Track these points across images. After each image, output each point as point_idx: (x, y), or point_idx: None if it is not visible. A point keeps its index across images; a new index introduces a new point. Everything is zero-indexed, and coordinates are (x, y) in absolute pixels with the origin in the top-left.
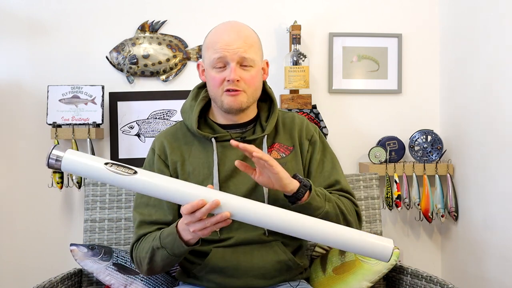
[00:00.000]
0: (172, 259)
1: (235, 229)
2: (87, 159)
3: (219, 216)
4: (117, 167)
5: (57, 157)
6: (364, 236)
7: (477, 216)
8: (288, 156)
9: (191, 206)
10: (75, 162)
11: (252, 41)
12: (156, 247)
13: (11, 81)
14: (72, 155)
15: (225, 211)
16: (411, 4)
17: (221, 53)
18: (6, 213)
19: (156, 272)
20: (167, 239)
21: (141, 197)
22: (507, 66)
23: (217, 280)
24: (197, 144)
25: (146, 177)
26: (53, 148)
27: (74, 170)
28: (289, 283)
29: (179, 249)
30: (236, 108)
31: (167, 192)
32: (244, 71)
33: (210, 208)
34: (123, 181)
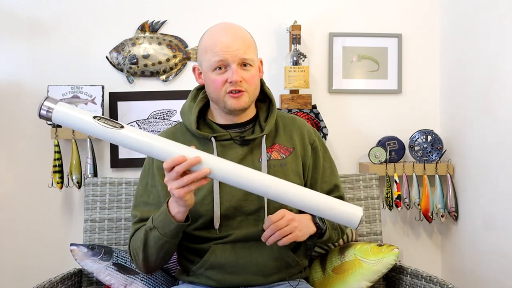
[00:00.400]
0: (164, 241)
1: (234, 227)
2: (76, 112)
3: (198, 172)
4: (105, 121)
5: (48, 108)
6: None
7: (477, 216)
8: (288, 157)
9: (172, 160)
10: (65, 114)
11: (249, 41)
12: (148, 229)
13: (11, 81)
14: (62, 107)
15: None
16: (411, 4)
17: (222, 55)
18: (6, 213)
19: (151, 263)
20: (158, 218)
21: (141, 196)
22: (507, 66)
23: (216, 277)
24: (197, 144)
25: (131, 132)
26: (45, 100)
27: (64, 121)
28: (288, 282)
29: (169, 226)
30: (239, 109)
31: (150, 148)
32: (245, 71)
33: (190, 163)
34: (109, 134)
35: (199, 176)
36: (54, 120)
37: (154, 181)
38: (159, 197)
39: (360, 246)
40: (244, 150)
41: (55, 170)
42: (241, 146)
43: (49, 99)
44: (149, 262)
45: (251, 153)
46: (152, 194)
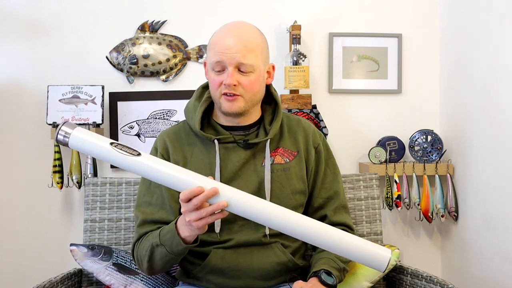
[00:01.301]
0: (171, 258)
1: (235, 231)
2: (93, 138)
3: (215, 205)
4: (122, 147)
5: (65, 133)
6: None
7: (477, 216)
8: (292, 161)
9: (189, 191)
10: (82, 140)
11: (253, 45)
12: (155, 245)
13: (11, 81)
14: (79, 132)
15: (223, 200)
16: (411, 4)
17: (219, 56)
18: (6, 213)
19: (156, 271)
20: (166, 236)
21: (143, 195)
22: (507, 66)
23: (216, 281)
24: (200, 145)
25: (148, 161)
26: (63, 124)
27: (81, 147)
28: (288, 284)
29: (177, 247)
30: (233, 112)
31: (167, 177)
32: (243, 76)
33: (207, 195)
34: (126, 162)
35: (216, 209)
36: (70, 146)
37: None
38: (162, 198)
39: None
40: (247, 154)
41: (55, 170)
42: (244, 149)
43: (67, 124)
44: (154, 270)
45: (254, 157)
46: (155, 194)
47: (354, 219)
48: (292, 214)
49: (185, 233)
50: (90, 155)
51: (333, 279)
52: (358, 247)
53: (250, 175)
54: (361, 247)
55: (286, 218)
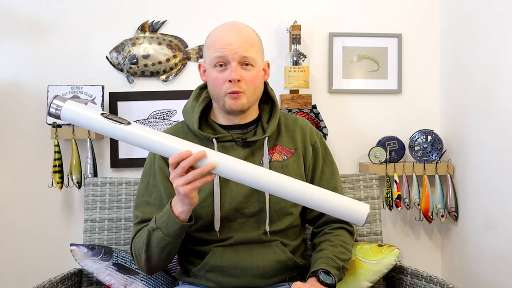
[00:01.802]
0: (167, 242)
1: (235, 229)
2: (84, 110)
3: (203, 168)
4: (113, 117)
5: (57, 106)
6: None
7: (477, 216)
8: (290, 158)
9: (178, 155)
10: (73, 111)
11: (252, 41)
12: (151, 229)
13: (11, 81)
14: (70, 105)
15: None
16: (411, 4)
17: (222, 52)
18: (6, 213)
19: (154, 263)
20: (161, 218)
21: (142, 196)
22: (507, 66)
23: (216, 279)
24: (198, 144)
25: (138, 129)
26: (54, 98)
27: (72, 119)
28: (288, 284)
29: (173, 226)
30: (237, 110)
31: (156, 144)
32: (245, 70)
33: (196, 157)
34: (116, 131)
35: (204, 171)
36: (62, 118)
37: (156, 181)
38: (160, 197)
39: (360, 246)
40: (246, 152)
41: (55, 170)
42: (243, 147)
43: (58, 98)
44: (152, 263)
45: (253, 155)
46: (153, 194)
47: None
48: (277, 175)
49: (178, 210)
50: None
51: (332, 278)
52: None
53: None
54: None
55: (271, 178)
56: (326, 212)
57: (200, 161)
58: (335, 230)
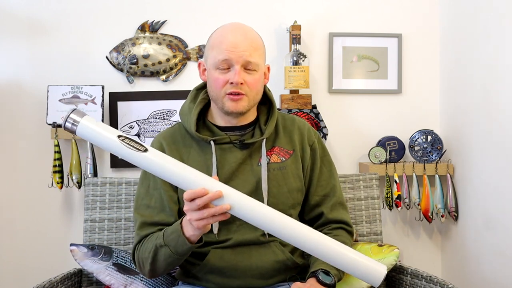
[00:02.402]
0: (175, 259)
1: (233, 231)
2: (101, 129)
3: (218, 208)
4: (130, 142)
5: (74, 121)
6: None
7: (477, 216)
8: (288, 160)
9: (193, 192)
10: (90, 129)
11: (257, 45)
12: (159, 245)
13: (11, 81)
14: (88, 121)
15: (226, 203)
16: (411, 4)
17: (227, 55)
18: (6, 213)
19: (158, 273)
20: (170, 236)
21: (142, 198)
22: (507, 66)
23: (216, 280)
24: (196, 146)
25: (155, 157)
26: (72, 112)
27: (88, 136)
28: (288, 284)
29: (182, 247)
30: (237, 112)
31: (172, 175)
32: (248, 74)
33: (211, 197)
34: (132, 156)
35: (218, 212)
36: (78, 134)
37: (156, 183)
38: (161, 200)
39: (360, 246)
40: (244, 154)
41: (55, 170)
42: (241, 149)
43: (76, 112)
44: (156, 273)
45: (251, 157)
46: (154, 197)
47: (354, 219)
48: (293, 222)
49: (189, 232)
50: (96, 145)
51: (331, 278)
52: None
53: (247, 175)
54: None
55: (287, 225)
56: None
57: (216, 201)
58: (334, 230)
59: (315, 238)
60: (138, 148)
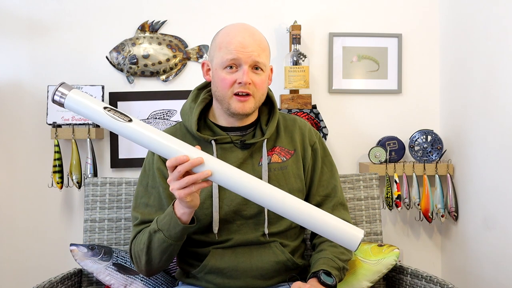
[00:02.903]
0: (169, 244)
1: (234, 231)
2: (88, 101)
3: (199, 174)
4: (115, 113)
5: (62, 94)
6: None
7: (477, 216)
8: (289, 160)
9: (175, 159)
10: (77, 101)
11: (264, 45)
12: (153, 231)
13: (11, 81)
14: (75, 94)
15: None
16: (411, 4)
17: (236, 54)
18: (6, 213)
19: (154, 266)
20: (163, 220)
21: (141, 197)
22: (507, 66)
23: (216, 281)
24: (196, 145)
25: (139, 127)
26: (60, 85)
27: (75, 109)
28: (288, 284)
29: (175, 228)
30: (243, 113)
31: (155, 144)
32: (255, 75)
33: (192, 163)
34: (117, 127)
35: (200, 178)
36: (66, 106)
37: (155, 182)
38: (160, 199)
39: (360, 246)
40: (245, 154)
41: (55, 170)
42: (242, 149)
43: (64, 85)
44: (152, 265)
45: (251, 157)
46: (152, 196)
47: (354, 219)
48: (272, 188)
49: (179, 211)
50: (84, 117)
51: (333, 279)
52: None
53: None
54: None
55: (266, 191)
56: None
57: (197, 167)
58: None
59: (293, 203)
60: (123, 118)
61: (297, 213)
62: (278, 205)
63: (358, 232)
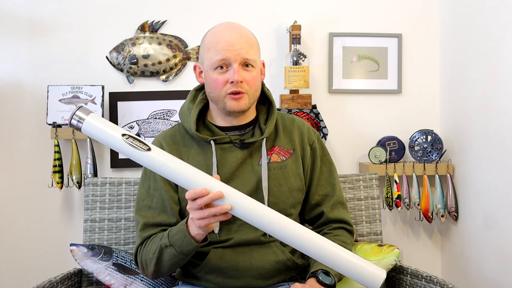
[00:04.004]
0: (180, 258)
1: (234, 230)
2: (106, 127)
3: (219, 208)
4: (133, 140)
5: (80, 119)
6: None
7: (477, 216)
8: (288, 159)
9: (195, 192)
10: (95, 127)
11: (252, 42)
12: (164, 246)
13: (11, 81)
14: (93, 119)
15: (226, 204)
16: (411, 4)
17: (224, 54)
18: (6, 213)
19: (162, 274)
20: (176, 236)
21: (143, 199)
22: (507, 66)
23: (216, 280)
24: (196, 146)
25: (158, 156)
26: (78, 109)
27: (93, 134)
28: (288, 284)
29: (187, 246)
30: (238, 111)
31: (175, 174)
32: (246, 72)
33: (212, 197)
34: (135, 155)
35: (219, 211)
36: (83, 131)
37: (156, 184)
38: (162, 201)
39: (360, 246)
40: (244, 153)
41: (55, 170)
42: (241, 149)
43: (82, 109)
44: (160, 274)
45: (251, 156)
46: (155, 198)
47: (354, 219)
48: (292, 224)
49: (194, 231)
50: (101, 142)
51: (331, 279)
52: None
53: (248, 175)
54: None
55: (286, 227)
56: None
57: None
58: (334, 230)
59: (315, 240)
60: (141, 147)
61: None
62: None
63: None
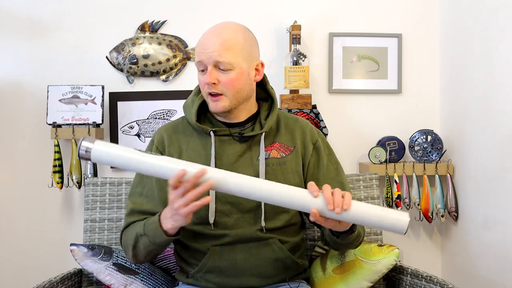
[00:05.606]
0: (153, 248)
1: (230, 225)
2: (115, 149)
3: (202, 186)
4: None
5: (87, 148)
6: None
7: (477, 216)
8: (288, 156)
9: (177, 175)
10: (103, 152)
11: (231, 43)
12: (139, 234)
13: (11, 81)
14: (100, 145)
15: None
16: (411, 4)
17: (199, 56)
18: (6, 213)
19: (140, 260)
20: (149, 226)
21: (136, 186)
22: (507, 66)
23: (215, 280)
24: (196, 136)
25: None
26: (82, 140)
27: (104, 160)
28: (288, 284)
29: (159, 238)
30: (218, 112)
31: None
32: (223, 73)
33: (197, 175)
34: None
35: (203, 191)
36: (93, 159)
37: None
38: (152, 189)
39: (360, 246)
40: (243, 147)
41: (55, 170)
42: (240, 142)
43: (86, 139)
44: (138, 259)
45: (250, 150)
46: (147, 185)
47: None
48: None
49: (167, 226)
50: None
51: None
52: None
53: (246, 169)
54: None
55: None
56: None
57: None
58: None
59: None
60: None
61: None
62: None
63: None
